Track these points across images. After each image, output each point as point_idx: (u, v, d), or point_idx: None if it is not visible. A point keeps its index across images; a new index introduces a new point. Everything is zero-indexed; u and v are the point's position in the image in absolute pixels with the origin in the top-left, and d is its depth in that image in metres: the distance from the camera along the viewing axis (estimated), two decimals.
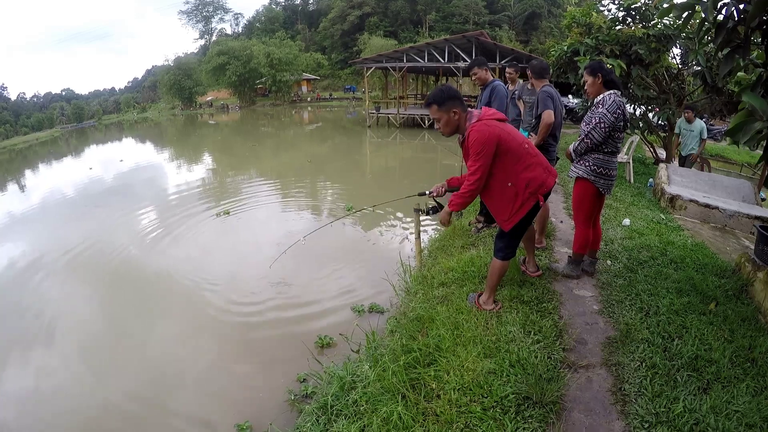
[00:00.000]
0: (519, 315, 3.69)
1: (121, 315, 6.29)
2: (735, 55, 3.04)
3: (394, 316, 4.47)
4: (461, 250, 5.56)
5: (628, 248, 5.28)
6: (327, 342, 4.89)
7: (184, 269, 7.43)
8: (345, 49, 67.96)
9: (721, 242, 6.44)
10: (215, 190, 13.65)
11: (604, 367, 3.19)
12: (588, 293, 4.23)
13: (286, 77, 53.50)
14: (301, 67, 56.72)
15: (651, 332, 3.48)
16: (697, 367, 3.08)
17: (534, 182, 3.40)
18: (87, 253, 8.57)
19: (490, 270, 3.79)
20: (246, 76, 52.05)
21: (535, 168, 3.44)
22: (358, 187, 13.80)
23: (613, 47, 8.91)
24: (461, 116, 3.35)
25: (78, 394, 4.71)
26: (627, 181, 9.69)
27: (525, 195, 3.39)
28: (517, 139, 3.42)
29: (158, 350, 5.37)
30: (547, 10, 66.50)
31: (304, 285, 6.57)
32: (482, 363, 3.12)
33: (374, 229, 9.10)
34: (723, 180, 9.01)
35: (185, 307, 6.31)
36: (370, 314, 5.45)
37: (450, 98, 3.32)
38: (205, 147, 26.44)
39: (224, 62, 50.98)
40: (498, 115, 3.44)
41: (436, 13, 69.01)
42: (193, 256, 8.06)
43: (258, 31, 74.30)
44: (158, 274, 7.40)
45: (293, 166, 16.88)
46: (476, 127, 3.29)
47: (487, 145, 3.23)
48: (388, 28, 67.38)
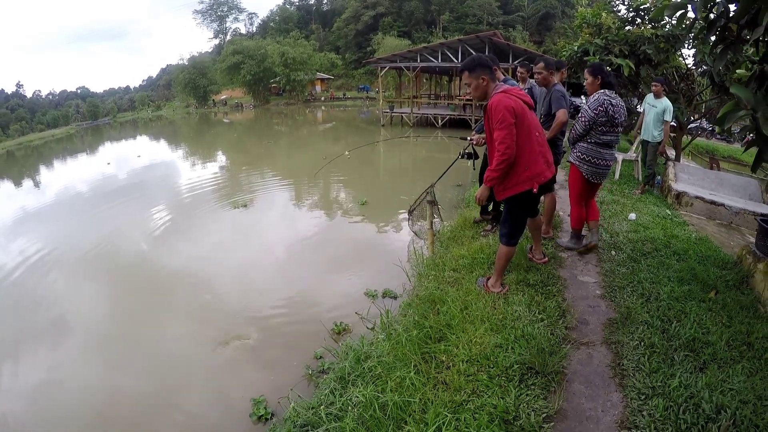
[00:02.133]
0: (525, 297, 3.90)
1: (139, 301, 6.52)
2: (728, 51, 3.23)
3: (407, 301, 4.67)
4: (471, 240, 5.78)
5: (632, 240, 5.43)
6: (343, 327, 5.11)
7: (201, 262, 7.66)
8: (359, 49, 68.34)
9: (726, 238, 6.52)
10: (230, 186, 13.84)
11: (605, 345, 3.38)
12: (591, 279, 4.43)
13: (300, 76, 53.74)
14: (315, 67, 57.01)
15: (651, 315, 3.65)
16: (694, 348, 3.23)
17: (532, 168, 3.61)
18: (100, 248, 8.70)
19: (497, 255, 4.01)
20: (260, 75, 52.45)
21: (538, 158, 3.65)
22: (373, 183, 14.14)
23: (621, 47, 9.03)
24: (489, 84, 3.58)
25: (93, 380, 4.82)
26: (635, 178, 9.77)
27: (522, 176, 3.61)
28: (532, 124, 3.62)
29: (172, 337, 5.59)
30: (560, 10, 66.33)
31: (318, 275, 6.85)
32: (489, 337, 3.34)
33: (387, 223, 9.35)
34: (730, 178, 9.08)
35: (202, 297, 6.47)
36: (383, 299, 5.68)
37: (479, 66, 3.55)
38: (219, 145, 26.79)
39: (239, 61, 51.35)
40: (525, 97, 3.64)
41: (450, 13, 69.12)
42: (211, 249, 8.26)
43: (272, 30, 74.63)
44: (178, 266, 7.65)
45: (307, 165, 17.01)
46: (497, 97, 3.50)
47: (505, 113, 3.42)
48: (401, 29, 67.63)
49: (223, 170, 17.06)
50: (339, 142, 26.04)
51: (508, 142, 3.44)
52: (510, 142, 3.45)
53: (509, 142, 3.44)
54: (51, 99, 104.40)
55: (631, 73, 8.76)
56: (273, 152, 22.15)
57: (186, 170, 17.72)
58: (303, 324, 5.42)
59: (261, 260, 7.56)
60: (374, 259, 7.26)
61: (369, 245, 8.10)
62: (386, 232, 8.89)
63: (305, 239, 8.47)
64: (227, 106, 58.39)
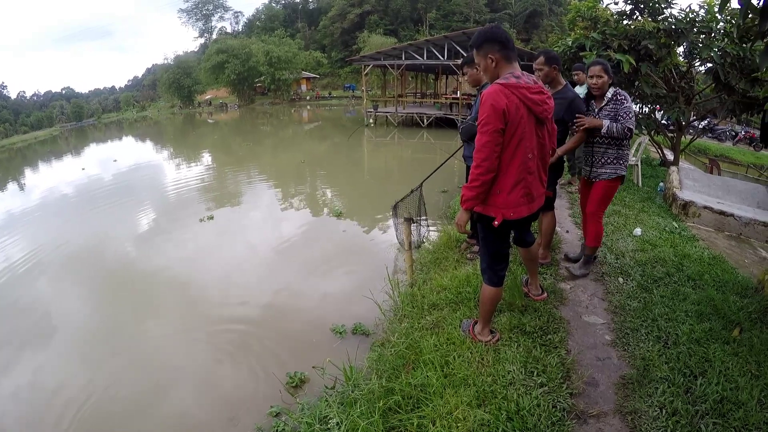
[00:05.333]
0: (520, 349, 3.20)
1: (115, 316, 6.16)
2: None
3: (379, 342, 4.02)
4: (456, 265, 5.08)
5: (641, 262, 4.84)
6: (300, 378, 4.31)
7: (175, 270, 7.31)
8: (345, 47, 67.54)
9: (738, 254, 5.99)
10: (210, 191, 13.26)
11: (618, 415, 2.72)
12: (599, 320, 3.76)
13: (285, 76, 53.21)
14: (301, 66, 56.55)
15: (671, 368, 3.05)
16: (722, 411, 2.68)
17: (505, 197, 2.81)
18: (81, 253, 8.54)
19: (480, 297, 3.28)
20: (245, 74, 51.86)
21: (518, 187, 2.81)
22: (354, 188, 13.48)
23: (621, 42, 8.43)
24: (499, 65, 2.76)
25: (74, 390, 4.57)
26: (635, 184, 9.21)
27: (492, 198, 2.84)
28: (527, 139, 2.75)
29: (148, 353, 5.22)
30: (548, 8, 66.48)
31: (286, 300, 6.11)
32: (474, 413, 2.64)
33: (368, 235, 8.69)
34: (737, 184, 8.54)
35: (174, 310, 6.13)
36: (354, 336, 4.94)
37: (488, 40, 2.74)
38: (202, 146, 25.97)
39: (223, 60, 50.75)
40: (538, 99, 2.75)
41: (437, 11, 68.69)
42: (183, 257, 7.89)
43: (258, 29, 74.07)
44: (152, 275, 7.26)
45: (289, 167, 16.48)
46: (492, 88, 2.68)
47: (491, 113, 2.61)
48: (388, 27, 67.11)
49: (203, 176, 16.29)
50: (324, 141, 25.42)
51: (487, 153, 2.66)
52: (489, 152, 2.66)
53: (488, 152, 2.66)
54: (36, 100, 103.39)
55: (631, 69, 8.13)
56: (255, 154, 21.50)
57: (164, 174, 17.12)
58: (262, 363, 4.70)
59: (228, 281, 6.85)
60: (348, 280, 6.54)
61: (345, 261, 7.38)
62: (365, 245, 8.16)
63: (275, 254, 7.79)
64: (212, 106, 57.72)
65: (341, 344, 4.70)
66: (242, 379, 4.57)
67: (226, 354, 4.98)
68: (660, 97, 9.37)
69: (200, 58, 60.39)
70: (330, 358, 3.99)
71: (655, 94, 9.11)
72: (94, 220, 10.81)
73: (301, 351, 4.85)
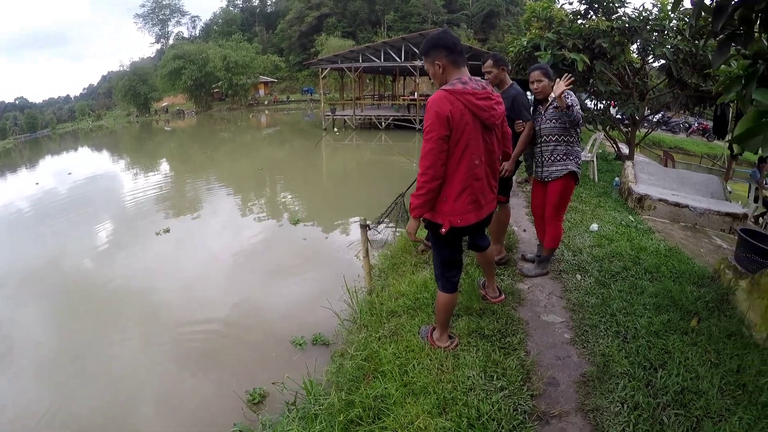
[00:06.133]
0: (479, 354, 3.14)
1: (73, 335, 5.96)
2: (730, 43, 2.59)
3: (339, 352, 3.93)
4: (414, 269, 5.01)
5: (598, 258, 4.86)
6: (260, 394, 4.21)
7: (134, 285, 7.07)
8: (303, 50, 66.81)
9: (694, 243, 6.11)
10: (168, 202, 12.91)
11: (580, 413, 2.70)
12: (558, 318, 3.74)
13: (242, 80, 52.44)
14: (258, 70, 55.75)
15: (631, 362, 3.06)
16: (684, 402, 2.71)
17: (451, 204, 2.77)
18: (37, 270, 8.24)
19: (435, 304, 3.23)
20: (202, 80, 50.85)
21: (464, 194, 2.77)
22: (313, 193, 13.37)
23: (575, 41, 8.54)
24: (447, 71, 2.72)
25: (35, 413, 4.42)
26: (591, 180, 9.34)
27: (439, 205, 2.80)
28: (473, 145, 2.70)
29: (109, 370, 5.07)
30: (505, 8, 67.26)
31: (247, 313, 5.96)
32: (435, 421, 2.57)
33: (328, 242, 8.59)
34: (691, 176, 8.73)
35: (134, 327, 5.91)
36: (314, 347, 4.85)
37: (434, 47, 2.70)
38: (159, 155, 25.36)
39: (180, 66, 49.61)
40: (488, 100, 2.71)
41: (395, 12, 68.64)
42: (142, 271, 7.63)
43: (215, 33, 72.62)
44: (111, 292, 7.02)
45: (248, 174, 16.21)
46: (436, 94, 2.63)
47: (435, 120, 2.56)
48: (346, 29, 66.77)
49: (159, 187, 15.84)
50: (283, 146, 25.14)
51: (432, 160, 2.62)
52: (434, 160, 2.62)
53: (433, 159, 2.62)
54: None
55: (585, 68, 8.25)
56: (214, 161, 21.02)
57: (122, 185, 16.62)
58: (220, 391, 4.52)
59: (184, 297, 6.67)
60: (308, 291, 6.40)
61: (304, 269, 7.27)
62: (323, 256, 8.01)
63: (235, 265, 7.62)
64: (169, 114, 56.43)
65: (302, 356, 4.62)
66: (205, 396, 4.44)
67: (188, 371, 4.84)
68: (614, 93, 9.54)
69: (157, 65, 58.83)
70: (289, 373, 3.93)
71: (609, 91, 9.26)
72: (49, 236, 10.43)
73: (262, 365, 4.76)
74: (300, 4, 69.54)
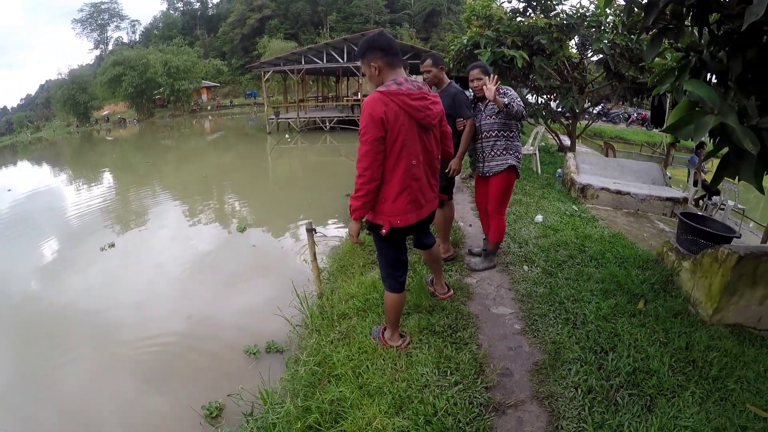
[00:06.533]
0: (431, 350, 3.12)
1: (23, 359, 5.54)
2: (663, 37, 2.68)
3: (294, 358, 3.85)
4: (362, 270, 4.97)
5: (544, 248, 4.94)
6: (217, 407, 4.05)
7: (82, 305, 6.66)
8: (245, 53, 65.92)
9: (637, 228, 6.33)
10: (111, 216, 12.29)
11: (535, 401, 2.72)
12: (507, 310, 3.77)
13: (184, 86, 50.98)
14: (200, 75, 54.49)
15: (581, 348, 3.12)
16: (636, 381, 2.79)
17: (390, 205, 2.76)
18: None
19: (384, 304, 3.22)
20: (143, 86, 49.01)
21: (403, 194, 2.75)
22: (261, 198, 13.19)
23: (514, 38, 8.72)
24: (383, 73, 2.68)
25: None
26: (535, 172, 9.54)
27: (379, 206, 2.80)
28: (409, 145, 2.69)
29: (61, 395, 4.73)
30: (446, 7, 68.15)
31: (198, 326, 5.73)
32: (393, 421, 2.54)
33: (277, 248, 8.42)
34: (632, 164, 9.06)
35: (85, 349, 5.57)
36: (268, 354, 4.72)
37: (370, 48, 2.66)
38: (102, 167, 24.32)
39: (120, 73, 47.70)
40: (424, 100, 2.69)
41: (337, 13, 68.66)
42: (89, 290, 7.18)
43: (156, 38, 70.37)
44: (58, 312, 6.56)
45: (193, 182, 15.78)
46: (371, 96, 2.61)
47: (369, 123, 2.55)
48: (288, 31, 66.33)
49: (101, 200, 15.16)
50: (229, 151, 24.70)
51: (368, 162, 2.61)
52: (371, 161, 2.61)
53: (369, 161, 2.60)
54: None
55: (524, 64, 8.43)
56: (157, 170, 20.31)
57: (64, 199, 15.58)
58: (176, 408, 4.32)
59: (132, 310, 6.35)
60: (259, 299, 6.20)
61: (254, 279, 7.05)
62: (273, 262, 7.79)
63: (184, 277, 7.31)
64: (110, 123, 54.39)
65: (256, 365, 4.49)
66: (163, 414, 4.25)
67: (143, 389, 4.61)
68: (554, 88, 9.79)
69: (96, 72, 56.61)
70: (245, 383, 3.84)
71: (549, 85, 9.51)
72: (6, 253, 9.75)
73: (217, 378, 4.59)
74: (242, 6, 68.72)
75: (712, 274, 3.56)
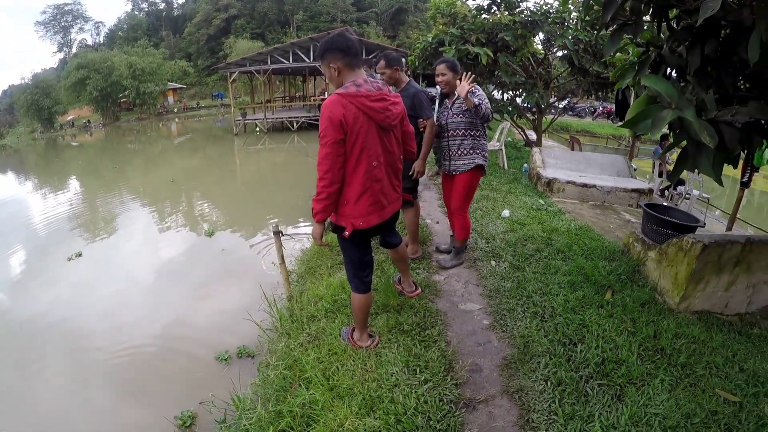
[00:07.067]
0: (400, 349, 3.12)
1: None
2: (623, 33, 2.73)
3: (265, 362, 3.82)
4: (330, 272, 4.94)
5: (511, 243, 4.98)
6: (189, 416, 3.99)
7: (49, 317, 6.47)
8: (211, 54, 64.88)
9: (603, 221, 6.41)
10: (77, 224, 11.94)
11: (506, 395, 2.74)
12: (475, 306, 3.79)
13: (150, 88, 49.90)
14: (166, 77, 53.34)
15: (550, 340, 3.15)
16: (606, 372, 2.84)
17: (351, 207, 2.76)
18: None
19: (351, 305, 3.20)
20: (108, 90, 47.78)
21: (365, 197, 2.75)
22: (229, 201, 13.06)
23: (479, 36, 8.79)
24: (342, 73, 2.66)
25: None
26: (501, 167, 9.62)
27: (340, 208, 2.80)
28: (371, 146, 2.69)
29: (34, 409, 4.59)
30: (413, 5, 68.13)
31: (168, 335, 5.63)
32: (364, 421, 2.54)
33: (247, 251, 8.32)
34: (597, 157, 9.19)
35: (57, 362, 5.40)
36: (240, 360, 4.69)
37: (329, 50, 2.63)
38: (67, 173, 23.68)
39: (84, 76, 46.37)
40: (383, 101, 2.69)
41: (304, 12, 67.91)
42: (58, 301, 6.98)
43: (120, 40, 69.20)
44: (25, 325, 6.37)
45: (160, 187, 15.53)
46: (328, 99, 2.60)
47: (328, 126, 2.53)
48: (255, 30, 65.57)
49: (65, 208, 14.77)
50: (196, 154, 24.34)
51: (329, 164, 2.60)
52: (331, 164, 2.60)
53: (330, 164, 2.60)
54: None
55: (489, 61, 8.50)
56: (124, 176, 19.85)
57: (29, 208, 15.12)
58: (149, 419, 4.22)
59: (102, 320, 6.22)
60: (230, 304, 6.15)
61: (224, 284, 6.96)
62: (243, 266, 7.73)
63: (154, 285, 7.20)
64: (75, 128, 53.02)
65: (228, 371, 4.45)
66: (137, 425, 4.18)
67: (116, 401, 4.53)
68: (519, 84, 9.89)
69: (60, 75, 55.21)
70: (217, 390, 3.84)
71: (514, 82, 9.60)
72: None
73: (189, 386, 4.53)
74: (207, 6, 67.78)
75: (678, 263, 3.63)
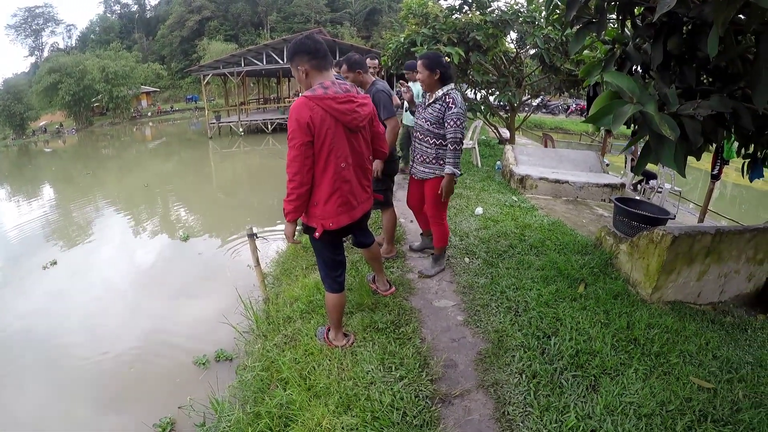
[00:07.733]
0: (375, 348, 3.14)
1: None
2: (587, 31, 2.78)
3: (243, 365, 3.80)
4: (305, 273, 4.93)
5: (484, 240, 5.04)
6: (168, 422, 3.95)
7: (27, 328, 6.32)
8: (185, 56, 64.07)
9: (576, 216, 6.52)
10: (51, 232, 11.69)
11: (481, 389, 2.78)
12: (450, 302, 3.83)
13: (123, 92, 49.02)
14: (140, 80, 52.37)
15: (524, 334, 3.20)
16: (580, 363, 2.88)
17: (321, 208, 2.78)
18: None
19: (325, 305, 3.24)
20: (80, 94, 46.65)
21: (334, 197, 2.77)
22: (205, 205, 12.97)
23: (450, 35, 8.87)
24: (311, 76, 2.68)
25: None
26: (475, 166, 9.69)
27: (310, 209, 2.82)
28: (338, 148, 2.71)
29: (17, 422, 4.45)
30: (387, 5, 68.09)
31: (146, 341, 5.56)
32: (341, 420, 2.55)
33: (223, 254, 8.25)
34: (569, 154, 9.31)
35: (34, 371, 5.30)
36: (218, 363, 4.66)
37: (297, 52, 2.65)
38: (40, 180, 23.14)
39: (56, 81, 45.33)
40: (350, 103, 2.69)
41: (277, 13, 67.38)
42: (29, 313, 6.79)
43: (93, 43, 68.03)
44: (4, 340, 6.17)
45: (135, 192, 15.30)
46: (296, 102, 2.62)
47: (296, 128, 2.56)
48: (228, 32, 64.88)
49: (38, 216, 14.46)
50: (171, 158, 24.08)
51: (297, 167, 2.63)
52: (299, 166, 2.63)
53: (298, 166, 2.63)
54: None
55: (461, 60, 8.58)
56: (98, 181, 19.47)
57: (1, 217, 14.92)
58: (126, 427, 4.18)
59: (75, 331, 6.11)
60: (207, 308, 6.09)
61: (201, 288, 6.90)
62: (220, 269, 7.62)
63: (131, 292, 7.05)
64: (47, 134, 51.88)
65: (206, 375, 4.42)
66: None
67: (95, 411, 4.45)
68: (492, 82, 9.99)
69: (31, 80, 53.94)
70: (196, 394, 3.80)
71: (486, 80, 9.70)
72: None
73: (168, 391, 4.48)
74: (180, 8, 66.82)
75: (649, 254, 3.72)
